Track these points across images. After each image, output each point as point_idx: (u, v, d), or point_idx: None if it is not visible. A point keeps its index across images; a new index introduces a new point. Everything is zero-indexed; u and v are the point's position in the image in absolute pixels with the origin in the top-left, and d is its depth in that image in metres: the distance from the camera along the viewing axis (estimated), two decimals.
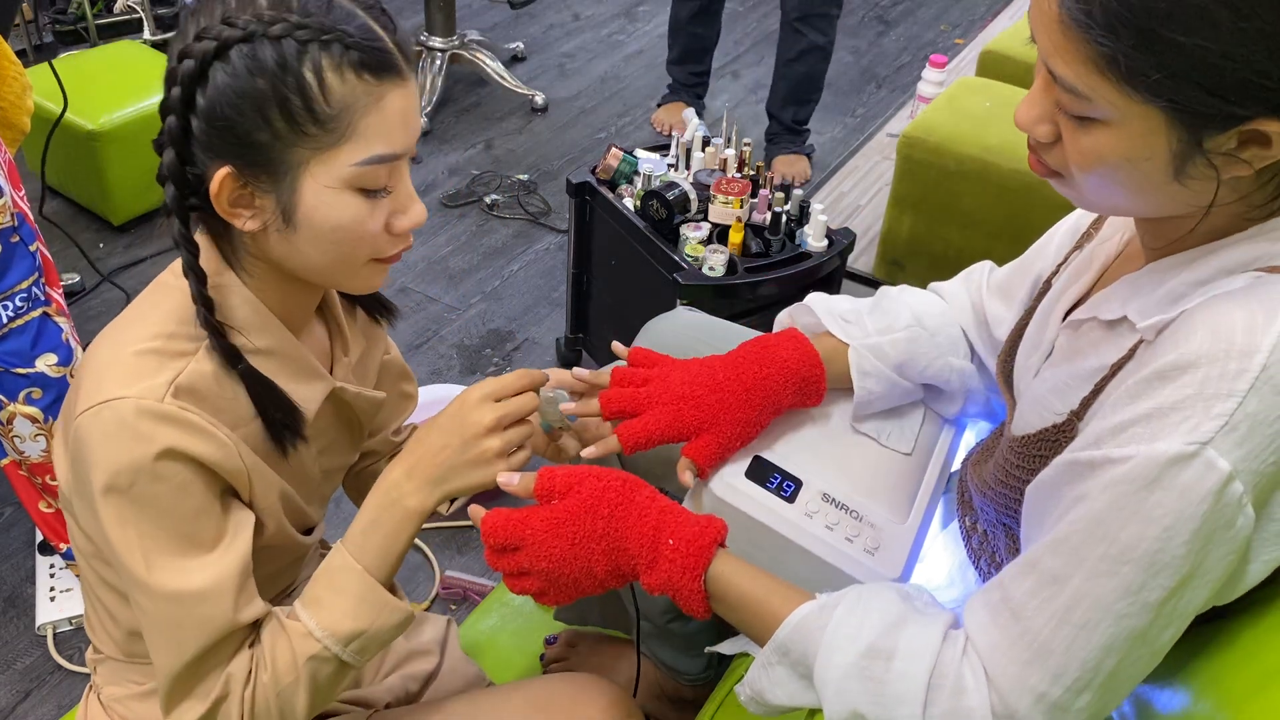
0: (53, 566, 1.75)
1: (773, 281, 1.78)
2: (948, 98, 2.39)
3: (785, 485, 1.01)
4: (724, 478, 1.01)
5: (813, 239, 1.83)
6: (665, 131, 3.14)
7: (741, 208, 1.82)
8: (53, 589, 1.72)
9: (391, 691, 1.14)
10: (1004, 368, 1.02)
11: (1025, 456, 0.88)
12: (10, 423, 1.49)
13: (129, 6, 3.21)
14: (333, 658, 0.87)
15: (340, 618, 0.87)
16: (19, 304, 1.44)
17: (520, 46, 3.59)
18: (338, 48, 0.75)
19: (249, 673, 0.85)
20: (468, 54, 3.27)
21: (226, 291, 0.85)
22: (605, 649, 1.45)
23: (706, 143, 1.98)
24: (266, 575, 0.90)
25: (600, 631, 1.48)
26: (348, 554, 0.89)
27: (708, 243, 1.80)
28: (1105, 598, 0.70)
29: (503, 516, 0.87)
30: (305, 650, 0.86)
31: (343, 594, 0.87)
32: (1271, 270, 0.72)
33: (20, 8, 2.09)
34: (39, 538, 1.76)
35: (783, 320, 1.16)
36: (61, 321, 1.51)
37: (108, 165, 2.47)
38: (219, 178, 0.77)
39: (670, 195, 1.82)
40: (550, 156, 3.07)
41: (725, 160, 1.93)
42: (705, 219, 1.85)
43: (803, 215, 1.88)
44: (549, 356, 2.34)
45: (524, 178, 2.93)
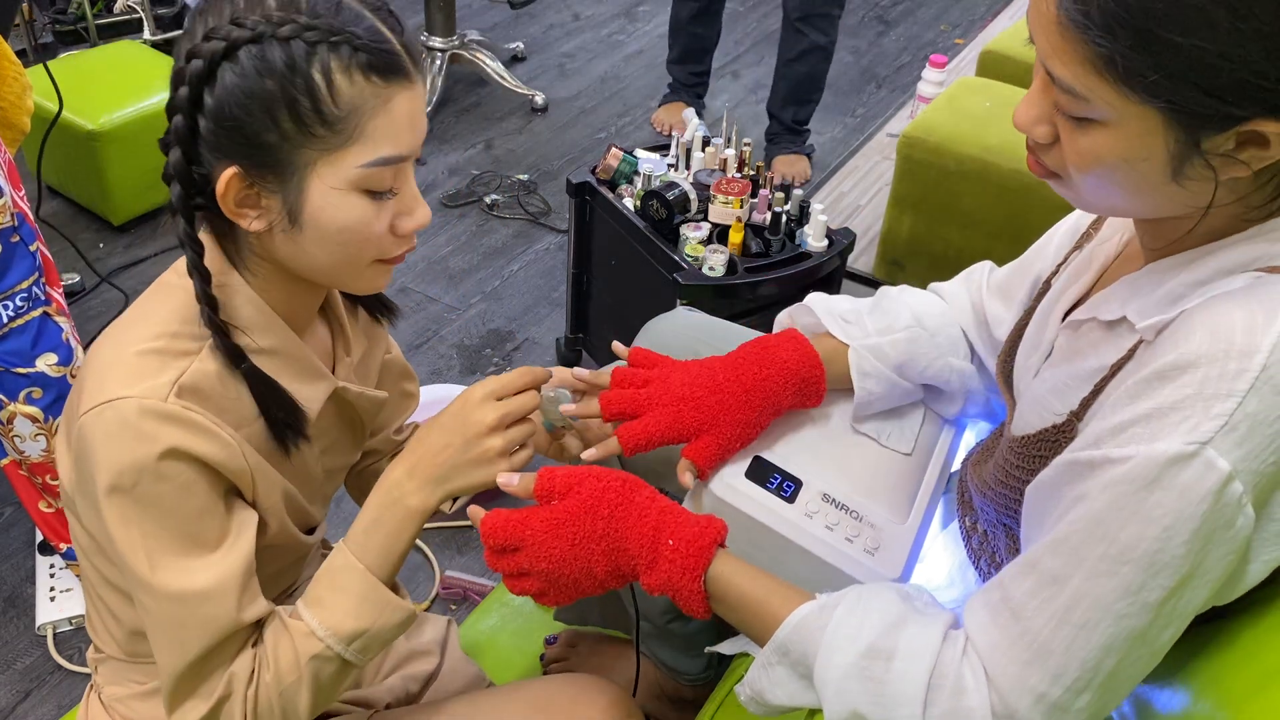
0: (53, 566, 1.75)
1: (773, 281, 1.78)
2: (948, 98, 2.39)
3: (785, 485, 1.01)
4: (724, 478, 1.01)
5: (813, 239, 1.83)
6: (665, 131, 3.13)
7: (741, 208, 1.82)
8: (53, 589, 1.72)
9: (392, 692, 1.14)
10: (1004, 368, 1.02)
11: (1025, 457, 0.88)
12: (10, 422, 1.49)
13: (129, 6, 3.21)
14: (335, 657, 0.87)
15: (342, 617, 0.87)
16: (19, 304, 1.44)
17: (520, 46, 3.59)
18: (346, 49, 0.75)
19: (252, 672, 0.86)
20: (468, 54, 3.27)
21: (230, 291, 0.85)
22: (605, 649, 1.45)
23: (706, 143, 1.98)
24: (268, 575, 0.90)
25: (600, 632, 1.48)
26: (350, 553, 0.89)
27: (708, 243, 1.80)
28: (1105, 598, 0.70)
29: (502, 518, 0.87)
30: (308, 649, 0.86)
31: (345, 593, 0.87)
32: (1271, 270, 0.72)
33: (20, 8, 2.09)
34: (39, 538, 1.76)
35: (782, 320, 1.16)
36: (62, 321, 1.51)
37: (108, 165, 2.47)
38: (226, 178, 0.77)
39: (670, 195, 1.82)
40: (550, 156, 3.07)
41: (725, 160, 1.93)
42: (705, 219, 1.84)
43: (803, 215, 1.88)
44: (549, 356, 2.34)
45: (524, 178, 2.93)
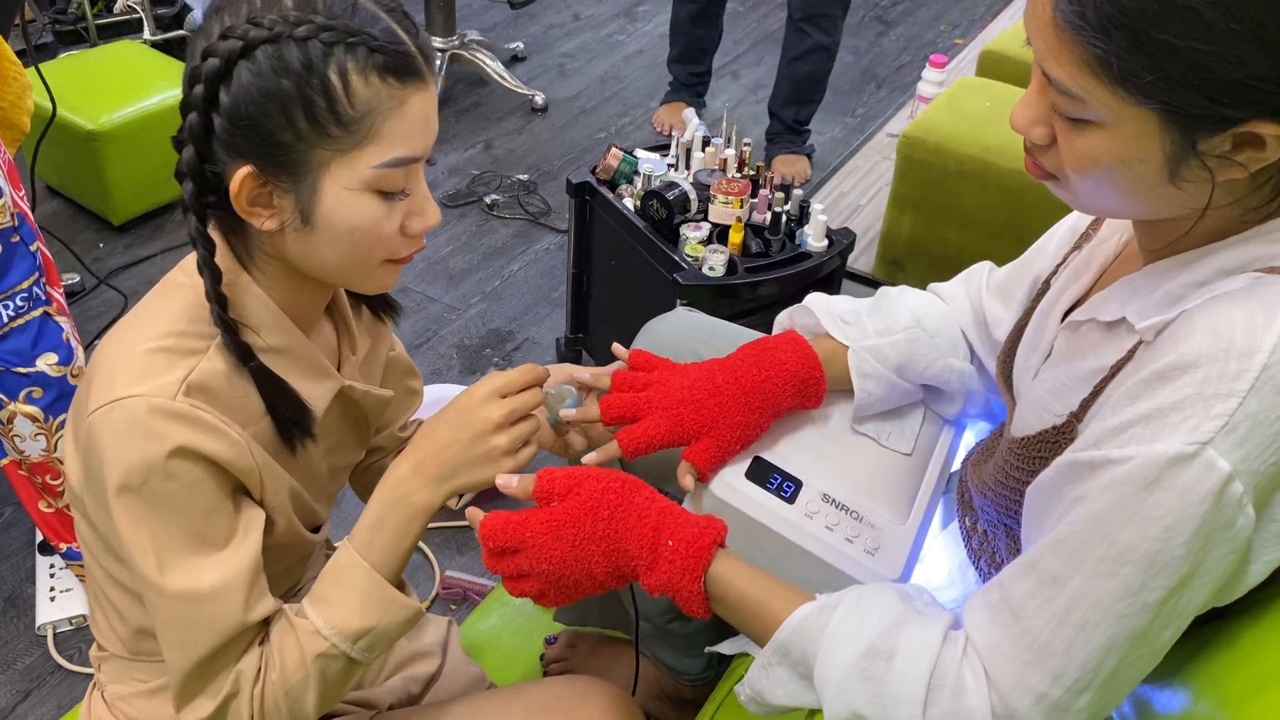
0: (53, 566, 1.75)
1: (773, 281, 1.78)
2: (948, 98, 2.39)
3: (785, 486, 1.01)
4: (724, 478, 1.01)
5: (813, 239, 1.83)
6: (665, 131, 3.13)
7: (741, 208, 1.82)
8: (53, 589, 1.72)
9: (394, 693, 1.15)
10: (1003, 369, 1.02)
11: (1025, 458, 0.88)
12: (10, 422, 1.49)
13: (129, 6, 3.21)
14: (341, 655, 0.87)
15: (348, 615, 0.87)
16: (20, 303, 1.44)
17: (520, 46, 3.59)
18: (362, 50, 0.76)
19: (259, 670, 0.86)
20: (468, 54, 3.27)
21: (239, 289, 0.85)
22: (605, 649, 1.45)
23: (706, 143, 1.98)
24: (274, 574, 0.90)
25: (600, 632, 1.48)
26: (354, 551, 0.89)
27: (708, 243, 1.80)
28: (1105, 598, 0.70)
29: (501, 519, 0.87)
30: (313, 648, 0.86)
31: (350, 591, 0.88)
32: (1270, 271, 0.72)
33: (20, 8, 2.09)
34: (39, 538, 1.76)
35: (782, 321, 1.16)
36: (62, 321, 1.51)
37: (107, 165, 2.47)
38: (239, 177, 0.77)
39: (670, 195, 1.82)
40: (550, 156, 3.07)
41: (725, 160, 1.93)
42: (705, 219, 1.84)
43: (803, 215, 1.88)
44: (549, 356, 2.34)
45: (524, 178, 2.93)
